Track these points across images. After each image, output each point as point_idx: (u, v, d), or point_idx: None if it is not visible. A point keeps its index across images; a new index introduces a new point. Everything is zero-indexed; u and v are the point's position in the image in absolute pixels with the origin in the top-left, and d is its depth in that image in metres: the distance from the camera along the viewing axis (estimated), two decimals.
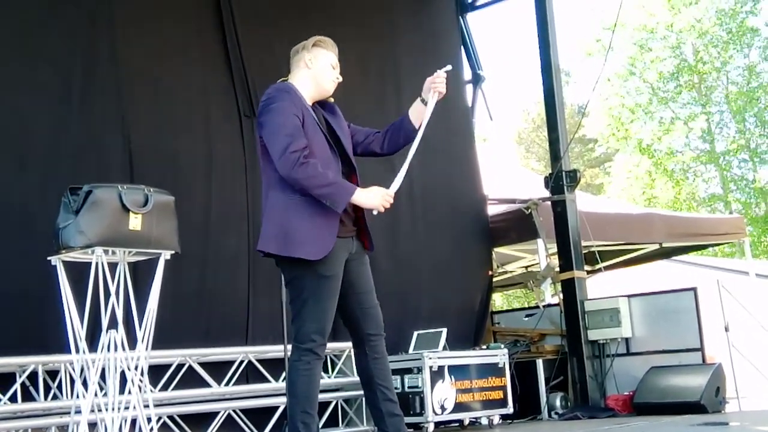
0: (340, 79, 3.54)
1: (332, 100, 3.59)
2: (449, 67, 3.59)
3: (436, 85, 3.53)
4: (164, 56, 5.80)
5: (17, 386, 4.45)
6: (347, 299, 3.41)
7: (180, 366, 5.16)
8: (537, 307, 7.63)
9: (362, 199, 3.31)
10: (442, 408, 5.65)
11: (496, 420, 5.98)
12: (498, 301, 19.42)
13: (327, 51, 3.51)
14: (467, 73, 8.51)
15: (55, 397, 4.54)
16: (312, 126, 3.33)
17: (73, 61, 5.32)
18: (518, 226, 7.59)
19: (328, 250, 3.24)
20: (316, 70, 3.47)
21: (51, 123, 5.14)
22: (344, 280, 3.37)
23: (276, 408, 5.44)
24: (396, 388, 5.66)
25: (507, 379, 6.06)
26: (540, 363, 6.71)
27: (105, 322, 3.66)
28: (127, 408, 3.74)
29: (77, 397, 3.74)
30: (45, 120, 5.11)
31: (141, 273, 4.44)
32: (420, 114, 3.58)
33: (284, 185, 3.27)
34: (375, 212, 3.37)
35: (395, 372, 5.72)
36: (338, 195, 3.24)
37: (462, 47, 8.40)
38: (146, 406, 3.79)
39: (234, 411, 5.35)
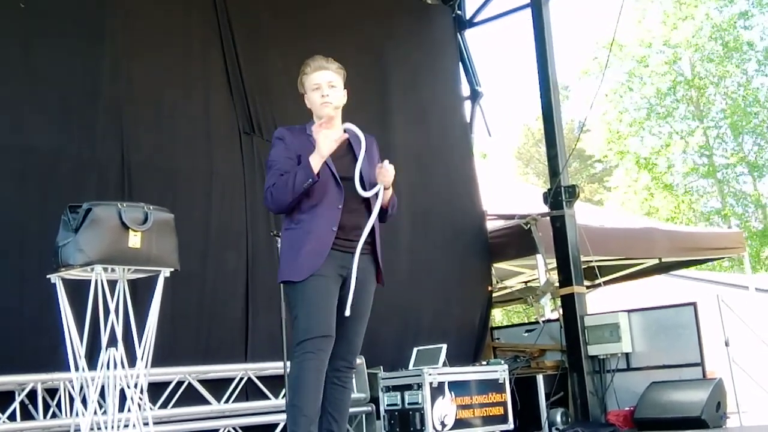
0: (327, 94, 3.44)
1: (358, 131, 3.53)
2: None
3: (382, 176, 3.40)
4: (164, 74, 5.82)
5: (16, 405, 4.44)
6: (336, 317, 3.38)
7: (179, 383, 5.15)
8: (537, 322, 7.62)
9: (319, 151, 3.29)
10: (443, 424, 5.63)
11: None
12: (498, 316, 19.37)
13: (309, 75, 3.49)
14: (465, 90, 8.54)
15: (54, 416, 4.53)
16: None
17: (73, 79, 5.34)
18: (517, 241, 7.59)
19: (313, 271, 3.29)
20: (309, 104, 3.52)
21: (51, 141, 5.15)
22: (340, 298, 3.36)
23: (276, 425, 5.42)
24: (396, 405, 5.73)
25: (507, 395, 6.05)
26: (540, 378, 6.69)
27: (104, 339, 3.65)
28: (126, 426, 3.73)
29: (77, 415, 3.73)
30: (45, 138, 5.12)
31: (141, 290, 4.44)
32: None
33: (285, 219, 3.45)
34: (328, 125, 3.33)
35: (396, 388, 5.74)
36: (304, 172, 3.28)
37: (460, 63, 8.44)
38: (146, 424, 3.78)
39: (233, 428, 5.33)
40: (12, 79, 5.06)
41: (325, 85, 3.46)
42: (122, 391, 3.76)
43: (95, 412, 3.65)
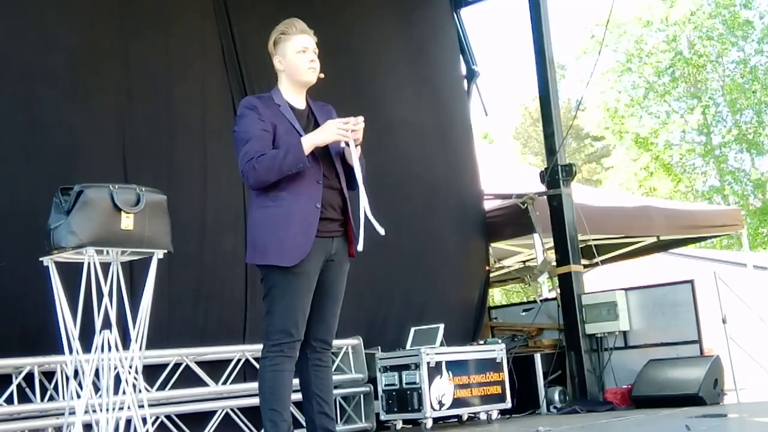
0: (315, 60, 3.35)
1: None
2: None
3: (353, 131, 3.26)
4: (160, 54, 5.78)
5: (13, 388, 4.42)
6: (312, 298, 3.32)
7: (177, 365, 5.14)
8: (534, 301, 7.63)
9: (316, 139, 3.20)
10: (440, 404, 5.64)
11: (495, 415, 5.97)
12: (497, 296, 19.42)
13: (291, 37, 3.36)
14: (462, 69, 8.49)
15: (51, 399, 4.52)
16: (287, 132, 3.28)
17: (78, 54, 5.29)
18: (515, 220, 7.59)
19: (303, 255, 3.20)
20: (287, 68, 3.38)
21: (57, 116, 5.10)
22: (318, 280, 3.31)
23: None
24: (394, 385, 5.74)
25: (505, 374, 6.06)
26: (538, 357, 6.71)
27: (98, 322, 3.64)
28: (121, 408, 3.73)
29: (72, 398, 3.72)
30: (51, 113, 5.07)
31: (137, 273, 4.42)
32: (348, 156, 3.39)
33: (259, 196, 3.28)
34: (345, 145, 3.23)
35: (393, 368, 5.75)
36: (294, 156, 3.15)
37: (457, 42, 8.38)
38: (141, 406, 3.78)
39: (231, 410, 5.34)
40: (25, 48, 5.00)
41: (311, 50, 3.36)
42: (117, 374, 3.75)
43: (91, 395, 3.64)
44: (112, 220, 3.60)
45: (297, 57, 3.37)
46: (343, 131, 3.23)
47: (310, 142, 3.20)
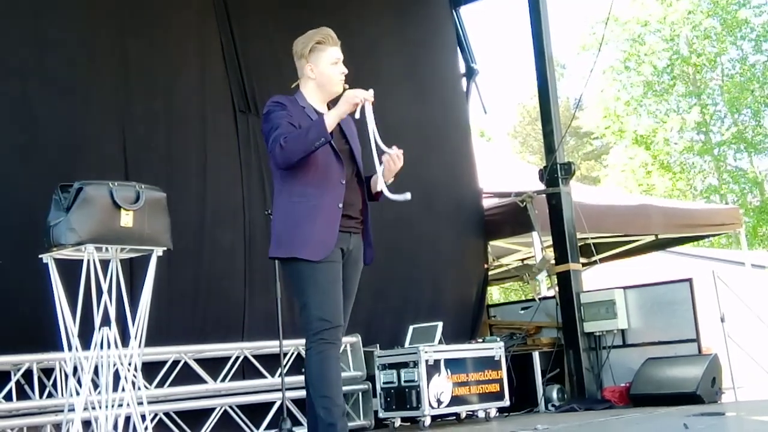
0: (346, 71, 3.42)
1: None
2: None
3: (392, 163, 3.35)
4: (160, 51, 5.78)
5: (12, 384, 4.43)
6: None
7: (176, 362, 5.15)
8: (533, 299, 7.63)
9: (337, 111, 3.23)
10: (439, 401, 5.65)
11: (493, 413, 5.98)
12: (495, 294, 19.42)
13: (326, 48, 3.38)
14: (461, 67, 8.49)
15: (50, 395, 4.53)
16: None
17: (77, 51, 5.29)
18: (513, 219, 7.59)
19: (329, 250, 3.23)
20: (319, 78, 3.40)
21: (56, 114, 5.10)
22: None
23: (272, 403, 5.43)
24: (392, 382, 5.74)
25: (503, 372, 6.06)
26: (536, 356, 6.71)
27: (97, 319, 3.65)
28: (120, 405, 3.73)
29: (71, 395, 3.72)
30: (50, 111, 5.07)
31: (137, 270, 4.42)
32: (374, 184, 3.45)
33: (285, 192, 3.30)
34: (359, 111, 3.23)
35: (392, 366, 5.76)
36: (317, 131, 3.17)
37: (455, 41, 8.38)
38: (140, 403, 3.78)
39: (230, 407, 5.35)
40: (20, 47, 5.00)
41: (341, 62, 3.40)
42: (116, 371, 3.75)
43: (90, 392, 3.64)
44: (111, 218, 3.60)
45: (331, 69, 3.40)
46: (359, 95, 3.24)
47: (332, 116, 3.24)
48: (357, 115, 3.27)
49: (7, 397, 4.41)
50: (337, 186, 3.30)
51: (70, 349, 3.68)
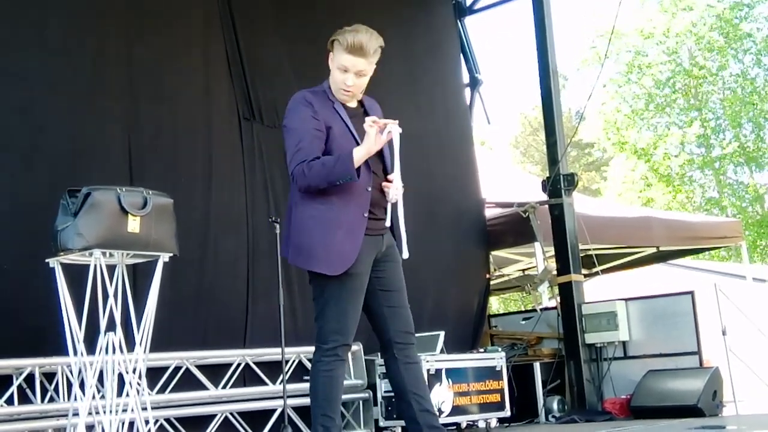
0: (350, 85, 3.31)
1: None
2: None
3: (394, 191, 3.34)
4: (165, 58, 5.79)
5: (14, 389, 4.43)
6: (374, 297, 3.31)
7: (177, 368, 5.15)
8: (534, 310, 7.63)
9: (364, 152, 3.15)
10: (440, 411, 5.64)
11: (494, 423, 5.97)
12: (495, 304, 19.40)
13: (340, 51, 3.28)
14: (465, 77, 8.52)
15: (51, 400, 4.52)
16: (342, 135, 3.26)
17: (83, 58, 5.30)
18: (516, 229, 7.60)
19: (349, 264, 3.17)
20: (331, 74, 3.36)
21: (62, 120, 5.11)
22: (372, 278, 3.29)
23: (273, 411, 5.43)
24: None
25: (504, 383, 6.06)
26: (537, 366, 6.70)
27: (103, 324, 3.65)
28: (125, 411, 3.73)
29: (75, 399, 3.73)
30: (56, 117, 5.08)
31: (141, 276, 4.43)
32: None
33: (307, 199, 3.23)
34: (383, 135, 3.20)
35: None
36: (343, 168, 3.11)
37: (459, 52, 8.40)
38: (144, 409, 3.79)
39: (231, 414, 5.34)
40: (21, 51, 5.01)
41: (352, 74, 3.30)
42: (120, 376, 3.76)
43: (93, 397, 3.65)
44: (118, 223, 3.61)
45: (337, 73, 3.34)
46: (380, 137, 3.19)
47: (359, 155, 3.15)
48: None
49: (9, 401, 4.40)
50: (363, 193, 3.24)
51: (75, 353, 3.68)
